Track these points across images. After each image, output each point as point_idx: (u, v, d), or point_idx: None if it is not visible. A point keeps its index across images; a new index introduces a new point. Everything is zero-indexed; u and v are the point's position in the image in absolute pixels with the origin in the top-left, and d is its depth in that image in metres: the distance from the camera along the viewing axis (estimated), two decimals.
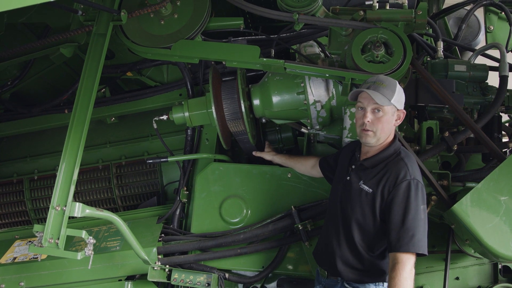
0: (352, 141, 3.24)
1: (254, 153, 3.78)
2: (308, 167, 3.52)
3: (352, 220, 2.84)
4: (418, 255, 2.69)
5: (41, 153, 4.54)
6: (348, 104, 3.27)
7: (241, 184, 3.73)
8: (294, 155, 3.71)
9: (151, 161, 3.87)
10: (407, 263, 2.62)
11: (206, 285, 3.49)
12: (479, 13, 4.52)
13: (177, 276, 3.51)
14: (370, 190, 2.80)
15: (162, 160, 3.84)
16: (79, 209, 2.86)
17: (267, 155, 3.72)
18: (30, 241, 3.95)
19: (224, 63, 3.45)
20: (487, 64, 3.62)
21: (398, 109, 2.83)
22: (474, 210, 2.94)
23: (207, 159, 3.88)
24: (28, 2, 1.60)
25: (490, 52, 3.95)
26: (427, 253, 2.68)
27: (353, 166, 2.96)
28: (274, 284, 3.75)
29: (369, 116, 2.79)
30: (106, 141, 4.42)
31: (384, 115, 2.79)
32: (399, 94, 2.80)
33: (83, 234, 2.89)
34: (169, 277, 3.54)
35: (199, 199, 3.76)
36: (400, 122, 2.88)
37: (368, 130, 2.80)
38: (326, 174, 3.37)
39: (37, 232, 2.86)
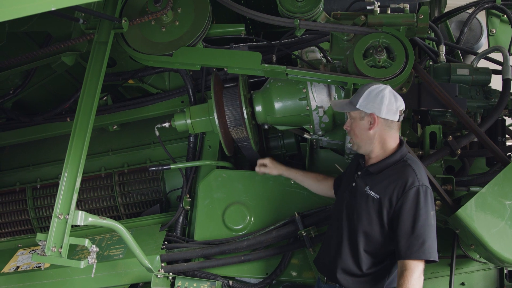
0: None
1: (257, 170, 3.62)
2: (328, 187, 3.42)
3: (358, 226, 2.82)
4: (428, 262, 2.67)
5: (44, 162, 4.54)
6: None
7: (244, 190, 3.72)
8: (308, 171, 3.60)
9: (154, 168, 3.86)
10: (415, 270, 2.60)
11: None
12: (481, 16, 4.51)
13: (181, 284, 3.50)
14: (377, 196, 2.77)
15: (164, 167, 3.83)
16: (82, 218, 2.85)
17: (274, 171, 3.57)
18: (33, 250, 3.95)
19: (225, 69, 3.44)
20: (490, 68, 3.61)
21: (369, 113, 2.80)
22: (479, 215, 2.93)
23: (209, 166, 3.88)
24: (28, 11, 1.60)
25: (492, 55, 3.94)
26: (437, 260, 2.66)
27: (359, 173, 2.95)
28: None
29: (346, 124, 2.93)
30: (109, 149, 4.42)
31: (353, 121, 2.88)
32: (368, 98, 2.78)
33: (86, 242, 2.87)
34: (172, 284, 3.53)
35: (202, 206, 3.75)
36: (374, 127, 2.81)
37: (350, 138, 2.94)
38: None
39: (40, 240, 2.86)
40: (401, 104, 2.82)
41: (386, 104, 2.77)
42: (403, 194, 2.69)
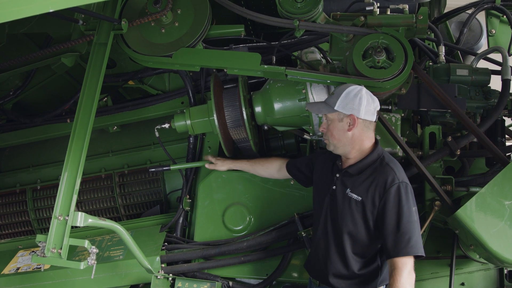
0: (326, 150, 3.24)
1: (207, 165, 3.69)
2: (273, 170, 3.51)
3: (343, 230, 2.84)
4: (416, 258, 2.69)
5: (44, 163, 4.54)
6: None
7: (244, 191, 3.72)
8: (254, 159, 3.66)
9: (154, 169, 3.86)
10: (404, 268, 2.62)
11: None
12: (481, 16, 4.51)
13: (181, 285, 3.50)
14: (359, 198, 2.80)
15: (164, 168, 3.83)
16: (82, 219, 2.86)
17: (223, 167, 3.64)
18: (33, 251, 3.95)
19: (225, 70, 3.45)
20: (489, 68, 3.61)
21: (348, 115, 2.82)
22: (478, 215, 2.93)
23: None
24: (26, 13, 1.60)
25: (492, 55, 3.93)
26: (424, 255, 2.69)
27: (338, 175, 2.96)
28: None
29: (322, 126, 2.95)
30: (109, 150, 4.42)
31: (330, 123, 2.88)
32: (346, 99, 2.80)
33: (86, 243, 2.88)
34: (172, 285, 3.53)
35: (202, 207, 3.76)
36: (353, 127, 2.83)
37: (326, 139, 2.93)
38: (297, 179, 3.42)
39: (39, 242, 2.86)
40: (377, 105, 2.87)
41: (365, 105, 2.80)
42: (384, 193, 2.73)
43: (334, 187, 2.94)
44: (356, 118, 2.81)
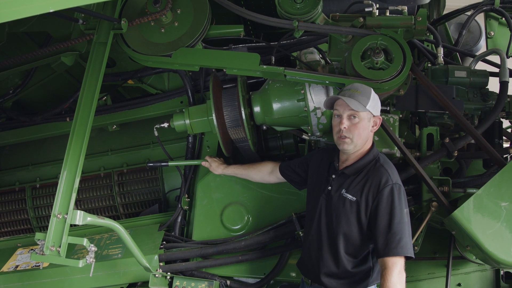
0: (321, 149, 3.27)
1: (202, 163, 3.73)
2: (265, 173, 3.52)
3: (338, 230, 2.86)
4: (406, 258, 2.71)
5: (43, 161, 4.55)
6: None
7: (242, 191, 3.73)
8: (246, 163, 3.66)
9: (152, 164, 3.86)
10: (394, 268, 2.64)
11: None
12: (480, 18, 4.52)
13: (179, 284, 3.51)
14: (354, 198, 2.82)
15: (162, 164, 3.83)
16: (81, 217, 2.86)
17: (217, 170, 3.67)
18: (32, 249, 3.96)
19: (224, 70, 3.46)
20: (488, 70, 3.62)
21: (374, 115, 2.86)
22: (475, 216, 2.94)
23: None
24: (26, 13, 1.61)
25: (490, 57, 3.95)
26: (414, 256, 2.72)
27: (334, 176, 2.97)
28: None
29: (345, 123, 2.82)
30: (108, 149, 4.43)
31: (360, 121, 2.82)
32: (374, 100, 2.83)
33: (85, 241, 2.88)
34: (170, 284, 3.54)
35: (201, 206, 3.77)
36: (376, 128, 2.91)
37: (345, 137, 2.83)
38: (291, 180, 3.42)
39: (38, 240, 2.87)
40: None
41: (380, 106, 2.88)
42: (378, 193, 2.76)
43: (329, 187, 2.96)
44: (379, 119, 2.88)
